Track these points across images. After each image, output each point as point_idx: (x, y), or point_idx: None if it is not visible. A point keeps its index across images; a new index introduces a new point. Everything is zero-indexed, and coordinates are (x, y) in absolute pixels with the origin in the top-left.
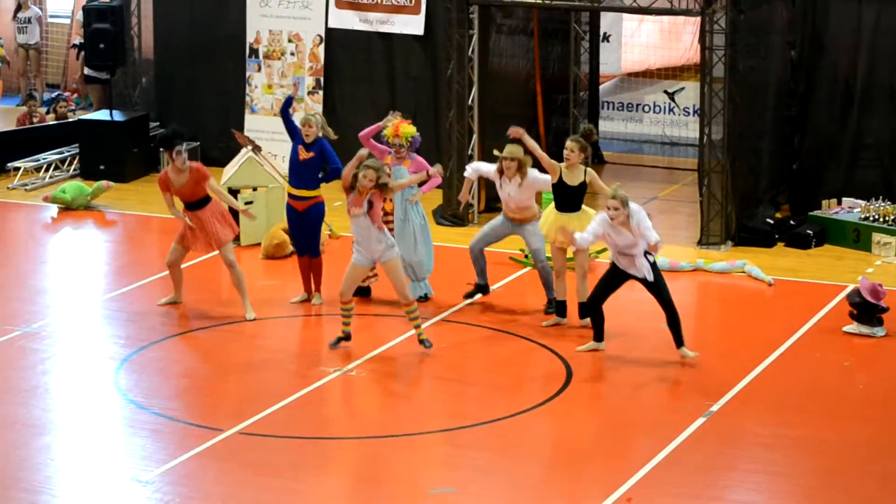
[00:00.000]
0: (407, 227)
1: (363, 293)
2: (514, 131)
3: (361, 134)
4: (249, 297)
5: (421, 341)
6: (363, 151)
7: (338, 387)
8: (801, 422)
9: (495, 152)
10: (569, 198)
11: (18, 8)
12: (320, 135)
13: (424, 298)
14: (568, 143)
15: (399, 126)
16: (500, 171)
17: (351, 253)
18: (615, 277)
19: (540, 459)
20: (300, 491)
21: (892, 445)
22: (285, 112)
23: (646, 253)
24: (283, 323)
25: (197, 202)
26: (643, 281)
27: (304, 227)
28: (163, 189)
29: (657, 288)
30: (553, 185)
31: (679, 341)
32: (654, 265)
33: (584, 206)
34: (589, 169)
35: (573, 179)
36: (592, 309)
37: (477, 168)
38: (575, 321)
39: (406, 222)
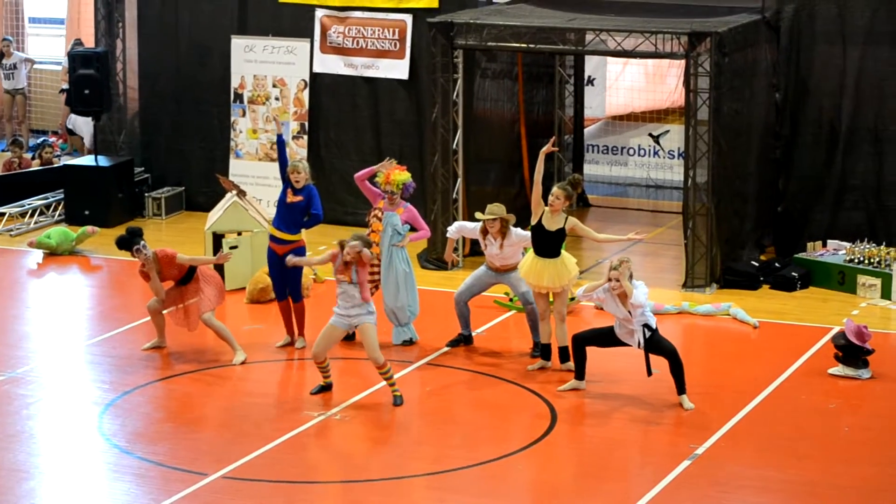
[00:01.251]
0: (391, 274)
1: (347, 337)
2: (549, 148)
3: (357, 175)
4: (236, 341)
5: (394, 398)
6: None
7: (322, 431)
8: (787, 464)
9: (477, 215)
10: (547, 243)
11: (1, 55)
12: (310, 182)
13: (409, 342)
14: (555, 190)
15: (391, 173)
16: (484, 231)
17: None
18: (611, 338)
19: (524, 503)
20: None
21: (879, 488)
22: (282, 153)
23: (646, 326)
24: (268, 367)
25: (184, 278)
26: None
27: (285, 271)
28: (146, 279)
29: (655, 345)
30: (532, 227)
31: (680, 389)
32: (654, 332)
33: (563, 252)
34: (570, 217)
35: (552, 225)
36: (577, 347)
37: (461, 228)
38: (558, 364)
39: (390, 268)
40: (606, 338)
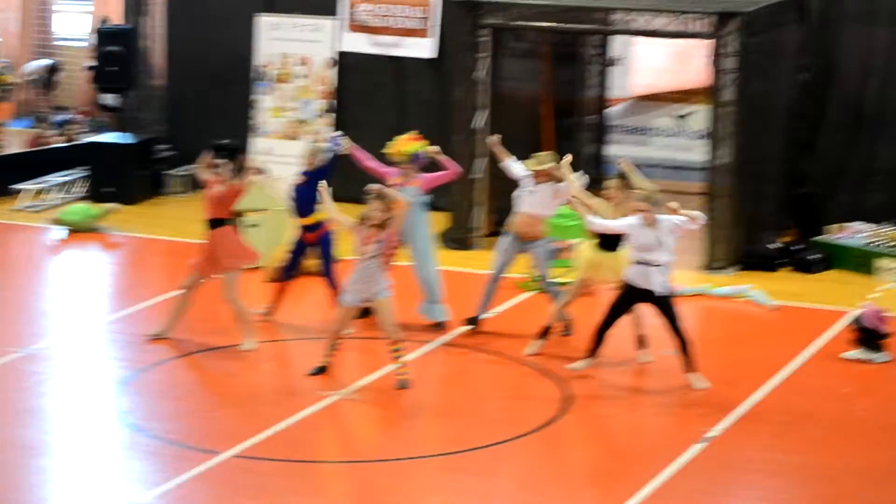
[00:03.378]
0: (417, 247)
1: (365, 312)
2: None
3: (358, 159)
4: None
5: (399, 381)
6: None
7: (335, 411)
8: (801, 448)
9: (527, 164)
10: (610, 235)
11: None
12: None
13: (440, 326)
14: (608, 184)
15: (400, 143)
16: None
17: None
18: (626, 299)
19: (535, 485)
20: None
21: (894, 472)
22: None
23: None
24: (283, 347)
25: (218, 222)
26: (654, 300)
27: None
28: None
29: (667, 307)
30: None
31: (688, 366)
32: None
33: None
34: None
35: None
36: (599, 332)
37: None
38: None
39: (415, 243)
40: (621, 304)
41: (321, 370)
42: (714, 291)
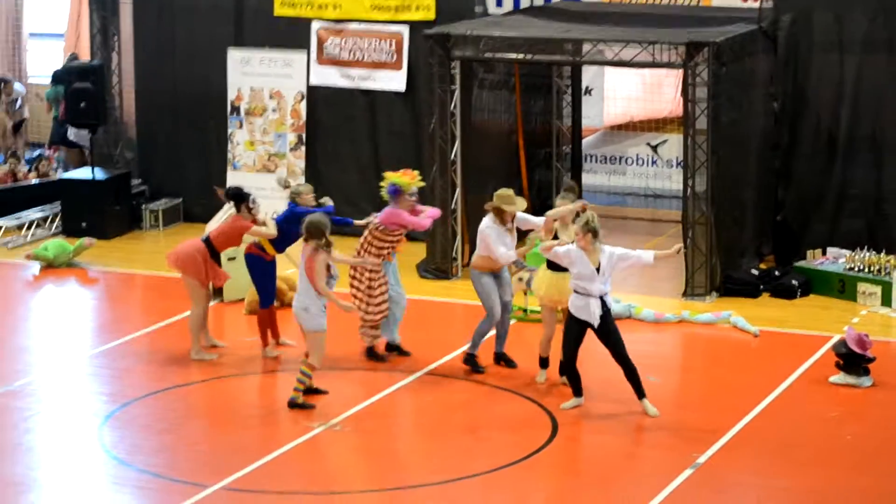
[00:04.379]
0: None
1: (399, 351)
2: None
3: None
4: (236, 352)
5: (290, 398)
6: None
7: (322, 442)
8: (789, 472)
9: (505, 206)
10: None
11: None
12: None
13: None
14: (559, 201)
15: (403, 177)
16: (501, 220)
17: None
18: (577, 330)
19: None
20: None
21: (882, 497)
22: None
23: (603, 303)
24: (266, 378)
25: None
26: (595, 330)
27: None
28: (243, 232)
29: (607, 335)
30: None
31: (640, 393)
32: (606, 313)
33: None
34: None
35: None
36: (569, 370)
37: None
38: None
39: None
40: (575, 335)
41: (302, 405)
42: (695, 318)
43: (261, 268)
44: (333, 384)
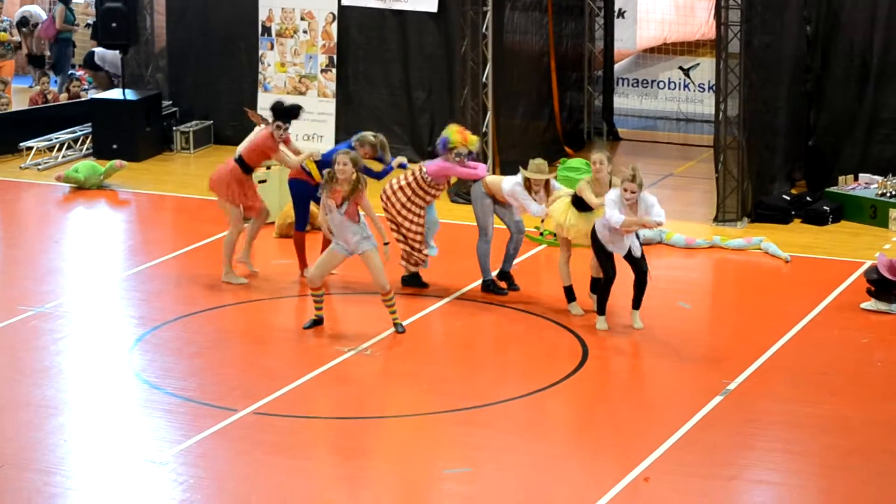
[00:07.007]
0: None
1: (418, 284)
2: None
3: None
4: (267, 276)
5: (395, 325)
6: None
7: (352, 366)
8: (819, 399)
9: (525, 173)
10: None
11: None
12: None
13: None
14: (595, 157)
15: (462, 134)
16: (528, 188)
17: None
18: (609, 252)
19: (556, 439)
20: (313, 471)
21: None
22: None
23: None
24: (298, 302)
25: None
26: (630, 259)
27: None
28: (272, 153)
29: (634, 259)
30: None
31: (636, 305)
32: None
33: None
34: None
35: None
36: (606, 290)
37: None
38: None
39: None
40: (607, 256)
41: (316, 323)
42: (726, 244)
43: (306, 192)
44: (364, 309)
